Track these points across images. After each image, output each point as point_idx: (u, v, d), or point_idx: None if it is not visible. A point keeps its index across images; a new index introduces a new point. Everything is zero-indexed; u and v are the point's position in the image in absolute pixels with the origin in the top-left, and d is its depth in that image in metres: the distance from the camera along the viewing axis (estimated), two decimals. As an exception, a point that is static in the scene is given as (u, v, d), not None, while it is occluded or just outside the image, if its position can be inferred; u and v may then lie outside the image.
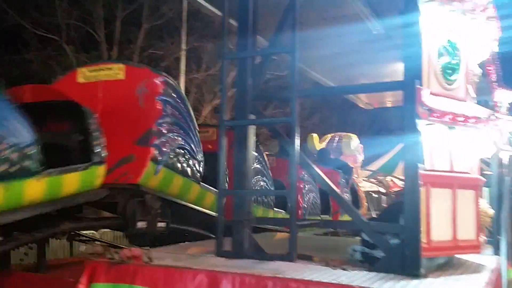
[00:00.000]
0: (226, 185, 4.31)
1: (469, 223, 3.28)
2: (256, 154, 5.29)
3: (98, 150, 3.85)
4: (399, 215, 3.32)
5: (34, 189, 3.38)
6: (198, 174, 4.62)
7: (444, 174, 3.19)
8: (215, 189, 4.82)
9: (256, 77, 3.66)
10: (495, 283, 3.37)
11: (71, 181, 3.70)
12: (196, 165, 4.59)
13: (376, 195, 11.38)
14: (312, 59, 5.41)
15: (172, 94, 4.35)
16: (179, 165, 4.33)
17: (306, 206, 6.74)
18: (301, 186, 6.74)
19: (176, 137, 4.32)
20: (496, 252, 4.34)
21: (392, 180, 11.79)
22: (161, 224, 4.32)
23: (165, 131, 4.16)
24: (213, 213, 4.76)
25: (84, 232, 5.09)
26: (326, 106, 24.41)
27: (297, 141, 3.11)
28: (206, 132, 5.63)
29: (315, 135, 11.53)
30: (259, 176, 5.51)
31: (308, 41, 4.27)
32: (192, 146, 4.56)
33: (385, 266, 3.10)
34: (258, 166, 5.46)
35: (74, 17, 16.43)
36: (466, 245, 3.27)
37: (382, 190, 11.35)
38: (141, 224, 4.08)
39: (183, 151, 4.41)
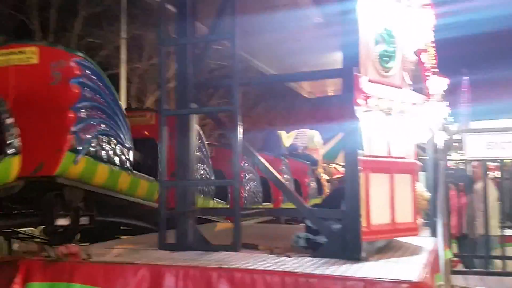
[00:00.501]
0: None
1: (407, 207, 3.38)
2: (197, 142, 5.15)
3: (12, 141, 3.56)
4: (340, 201, 3.39)
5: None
6: (128, 162, 4.37)
7: (382, 160, 3.27)
8: (151, 177, 4.64)
9: (197, 66, 3.59)
10: (433, 264, 3.50)
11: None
12: (125, 152, 4.31)
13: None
14: (254, 47, 5.39)
15: (91, 76, 4.00)
16: (103, 153, 4.02)
17: (247, 195, 6.76)
18: (242, 175, 6.74)
19: (98, 123, 4.01)
20: (433, 234, 4.52)
21: (335, 167, 12.23)
22: (85, 218, 4.06)
23: (84, 117, 3.87)
24: (149, 203, 4.57)
25: (22, 229, 4.82)
26: (270, 95, 24.55)
27: (240, 130, 3.08)
28: (142, 116, 5.40)
29: (283, 132, 12.36)
30: (200, 164, 5.38)
31: (250, 29, 4.24)
32: (119, 132, 4.25)
33: (327, 251, 3.15)
34: (198, 154, 5.33)
35: (6, 5, 15.58)
36: (404, 228, 3.37)
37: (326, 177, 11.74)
38: (61, 220, 3.81)
39: (107, 138, 4.08)
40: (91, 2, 17.87)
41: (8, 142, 3.49)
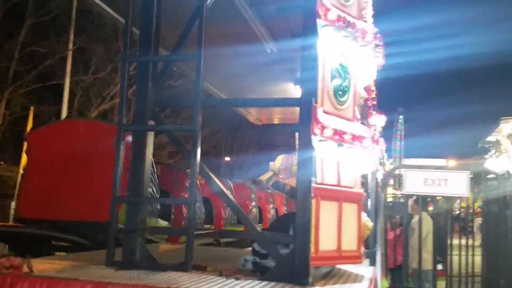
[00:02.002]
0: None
1: (352, 235, 3.52)
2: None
3: None
4: (287, 226, 3.48)
5: None
6: None
7: (333, 188, 3.40)
8: None
9: (156, 84, 3.61)
10: (372, 292, 3.64)
11: None
12: None
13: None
14: (205, 69, 5.47)
15: None
16: None
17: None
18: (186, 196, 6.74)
19: None
20: (372, 263, 4.70)
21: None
22: None
23: None
24: None
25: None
26: (216, 119, 24.64)
27: (198, 150, 3.11)
28: None
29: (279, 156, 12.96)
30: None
31: (204, 52, 4.33)
32: None
33: (276, 275, 3.21)
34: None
35: None
36: (349, 255, 3.50)
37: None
38: None
39: None
40: (39, 10, 17.40)
41: None
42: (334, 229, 3.36)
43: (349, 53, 3.75)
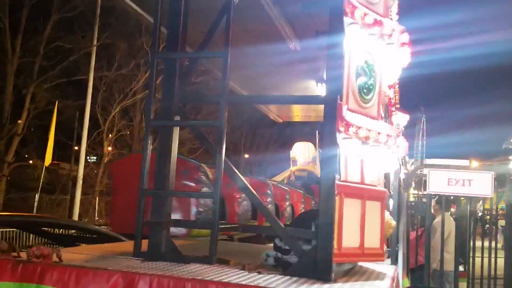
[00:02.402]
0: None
1: (375, 233, 3.53)
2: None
3: None
4: (310, 222, 3.51)
5: None
6: None
7: (356, 186, 3.42)
8: None
9: (183, 80, 3.67)
10: (394, 290, 3.65)
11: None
12: None
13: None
14: (230, 68, 5.52)
15: None
16: None
17: (201, 210, 6.82)
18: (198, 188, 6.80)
19: None
20: (394, 261, 4.69)
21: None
22: None
23: None
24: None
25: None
26: (236, 116, 24.72)
27: (224, 146, 3.16)
28: None
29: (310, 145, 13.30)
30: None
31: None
32: None
33: (298, 270, 3.24)
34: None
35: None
36: (372, 253, 3.51)
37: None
38: None
39: None
40: (65, 6, 17.68)
41: None
42: (357, 226, 3.38)
43: (375, 51, 3.76)
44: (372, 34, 3.65)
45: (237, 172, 3.45)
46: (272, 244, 3.81)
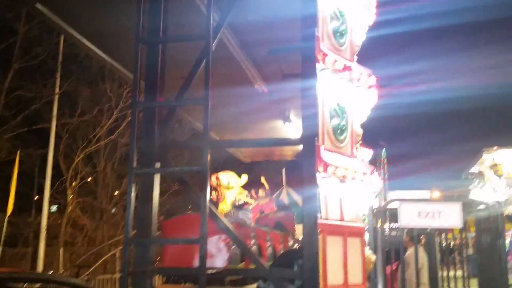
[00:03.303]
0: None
1: (357, 269, 3.62)
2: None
3: None
4: (292, 262, 3.56)
5: None
6: None
7: (337, 223, 3.52)
8: None
9: (162, 128, 3.73)
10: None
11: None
12: None
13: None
14: (196, 109, 5.62)
15: None
16: None
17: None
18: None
19: None
20: (374, 295, 4.78)
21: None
22: None
23: None
24: None
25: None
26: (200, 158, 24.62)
27: (208, 190, 3.21)
28: None
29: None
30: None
31: (194, 93, 4.47)
32: None
33: (285, 311, 3.27)
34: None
35: None
36: (355, 289, 3.59)
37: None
38: None
39: None
40: (26, 55, 17.52)
41: None
42: (340, 264, 3.46)
43: (346, 94, 3.96)
44: (342, 78, 3.86)
45: (219, 215, 3.49)
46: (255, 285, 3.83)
